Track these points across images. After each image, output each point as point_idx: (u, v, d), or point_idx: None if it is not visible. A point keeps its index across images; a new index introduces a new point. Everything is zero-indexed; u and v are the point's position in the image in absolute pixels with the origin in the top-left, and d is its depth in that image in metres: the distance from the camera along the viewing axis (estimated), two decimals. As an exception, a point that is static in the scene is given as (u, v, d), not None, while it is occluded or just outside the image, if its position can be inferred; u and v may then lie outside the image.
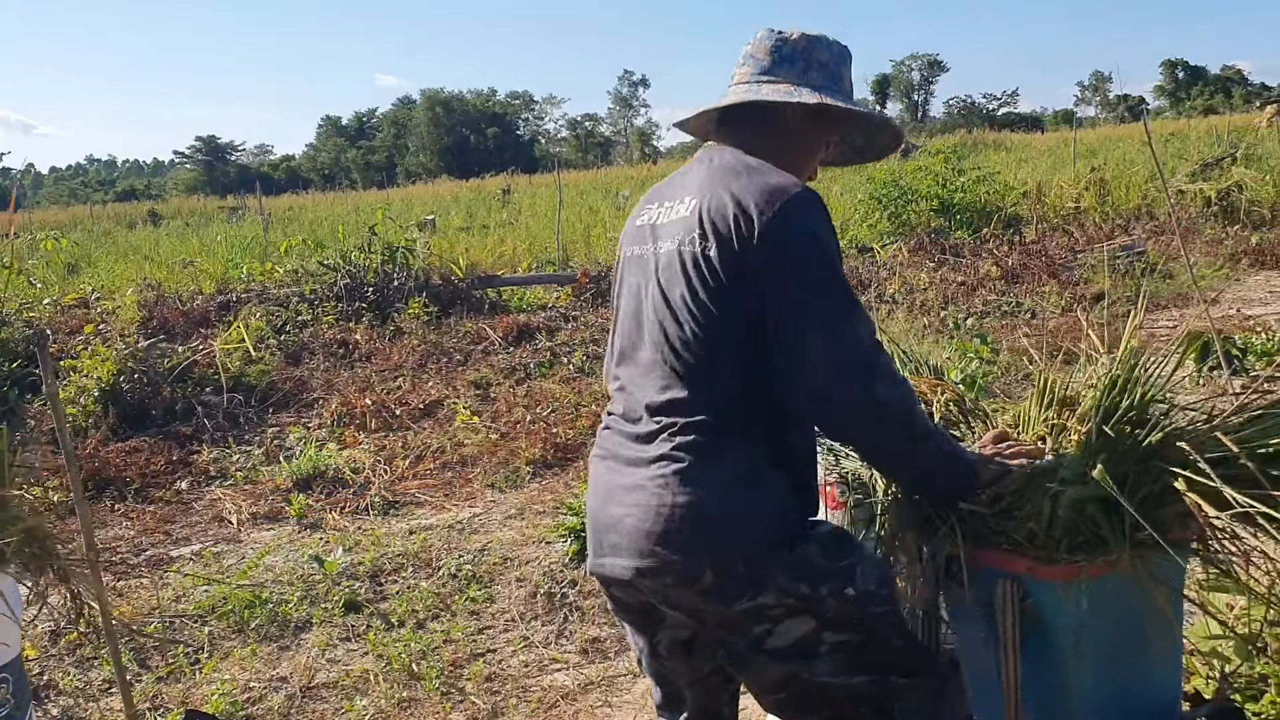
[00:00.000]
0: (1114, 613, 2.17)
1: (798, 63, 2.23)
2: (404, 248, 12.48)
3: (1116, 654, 2.25)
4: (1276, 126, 27.27)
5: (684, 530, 1.99)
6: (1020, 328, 9.34)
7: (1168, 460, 2.05)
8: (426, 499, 6.42)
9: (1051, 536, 2.16)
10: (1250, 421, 2.09)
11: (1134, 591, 2.13)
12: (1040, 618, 2.22)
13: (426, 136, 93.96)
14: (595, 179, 38.22)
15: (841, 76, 2.28)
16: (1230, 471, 2.00)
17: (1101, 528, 2.09)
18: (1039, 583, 2.18)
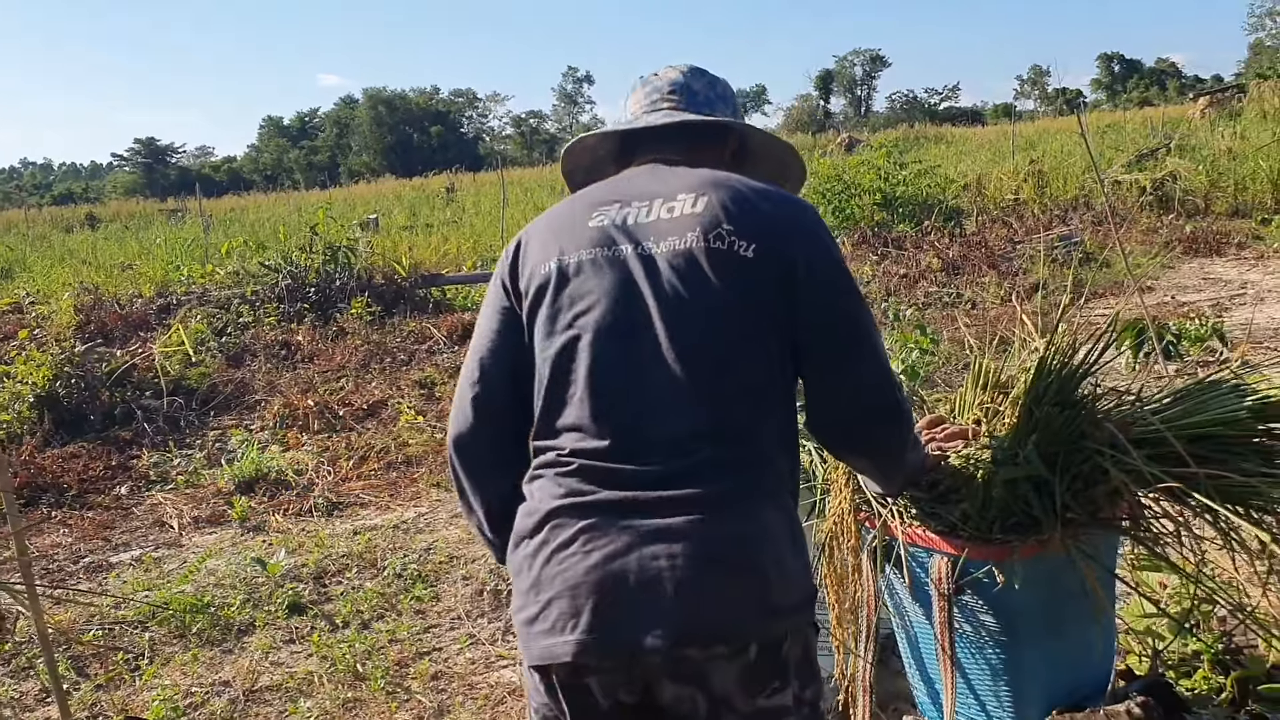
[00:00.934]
0: (1047, 591, 2.21)
1: (727, 100, 2.16)
2: (346, 247, 12.37)
3: (1050, 632, 2.29)
4: (1209, 118, 27.78)
5: (747, 585, 1.67)
6: (960, 318, 9.44)
7: (1096, 440, 2.09)
8: (371, 499, 6.37)
9: (985, 517, 2.20)
10: (1177, 401, 2.14)
11: (1067, 570, 2.17)
12: (974, 596, 2.25)
13: (369, 136, 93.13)
14: (540, 176, 38.09)
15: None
16: (1159, 451, 2.04)
17: (1033, 507, 2.13)
18: (973, 563, 2.21)
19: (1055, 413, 2.10)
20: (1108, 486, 2.06)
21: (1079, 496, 2.09)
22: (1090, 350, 2.23)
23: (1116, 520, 2.20)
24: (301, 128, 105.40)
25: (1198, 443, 2.04)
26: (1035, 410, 2.13)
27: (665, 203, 1.86)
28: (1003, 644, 2.29)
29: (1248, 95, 30.97)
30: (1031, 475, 2.10)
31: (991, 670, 2.33)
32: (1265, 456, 2.03)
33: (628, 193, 1.94)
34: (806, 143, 40.34)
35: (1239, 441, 2.04)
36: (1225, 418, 2.03)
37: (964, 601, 2.24)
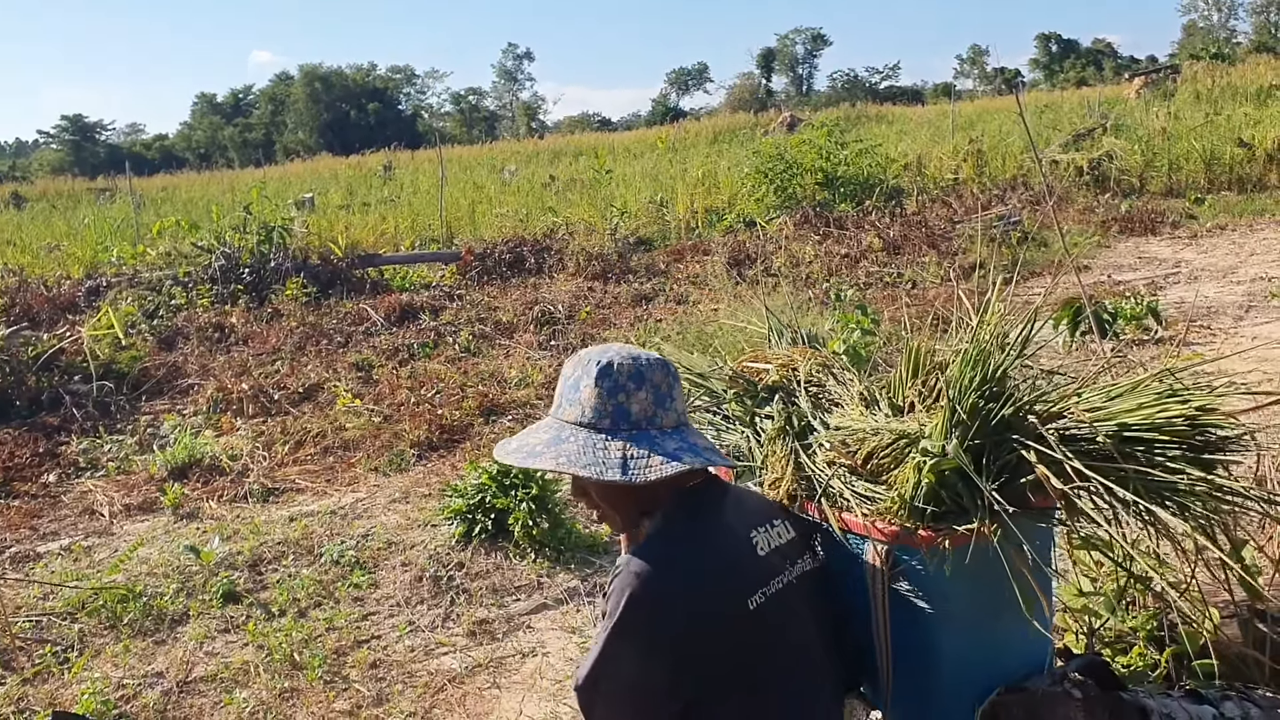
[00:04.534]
0: (979, 578, 2.20)
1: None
2: (280, 227, 12.19)
3: (984, 617, 2.29)
4: (1144, 98, 28.16)
5: None
6: (901, 298, 9.49)
7: (1021, 432, 2.08)
8: (307, 485, 6.28)
9: (917, 505, 2.18)
10: (1110, 399, 2.13)
11: (999, 557, 2.16)
12: (909, 583, 2.24)
13: (305, 113, 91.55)
14: (480, 154, 37.82)
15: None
16: (1089, 446, 2.04)
17: (962, 497, 2.12)
18: (906, 550, 2.20)
19: (980, 404, 2.09)
20: (1035, 479, 2.05)
21: (1007, 487, 2.08)
22: (1020, 336, 2.22)
23: (1048, 507, 2.20)
24: (235, 105, 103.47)
25: (1129, 442, 2.04)
26: (960, 402, 2.11)
27: (766, 531, 2.20)
28: (938, 629, 2.28)
29: (1181, 76, 31.46)
30: (958, 466, 2.09)
31: (929, 654, 2.32)
32: (1195, 459, 2.02)
33: (744, 521, 2.21)
34: (748, 121, 40.38)
35: (1170, 442, 2.03)
36: (1159, 421, 2.01)
37: (899, 588, 2.23)
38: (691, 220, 15.12)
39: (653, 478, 2.01)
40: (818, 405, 2.58)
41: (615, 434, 2.07)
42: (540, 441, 2.13)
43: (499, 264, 12.32)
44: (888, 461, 2.31)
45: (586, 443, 2.06)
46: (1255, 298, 8.80)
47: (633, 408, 2.08)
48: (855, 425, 2.41)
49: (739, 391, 2.71)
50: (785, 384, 2.66)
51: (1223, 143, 16.69)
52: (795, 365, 2.69)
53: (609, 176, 18.80)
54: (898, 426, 2.29)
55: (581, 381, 2.11)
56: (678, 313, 9.49)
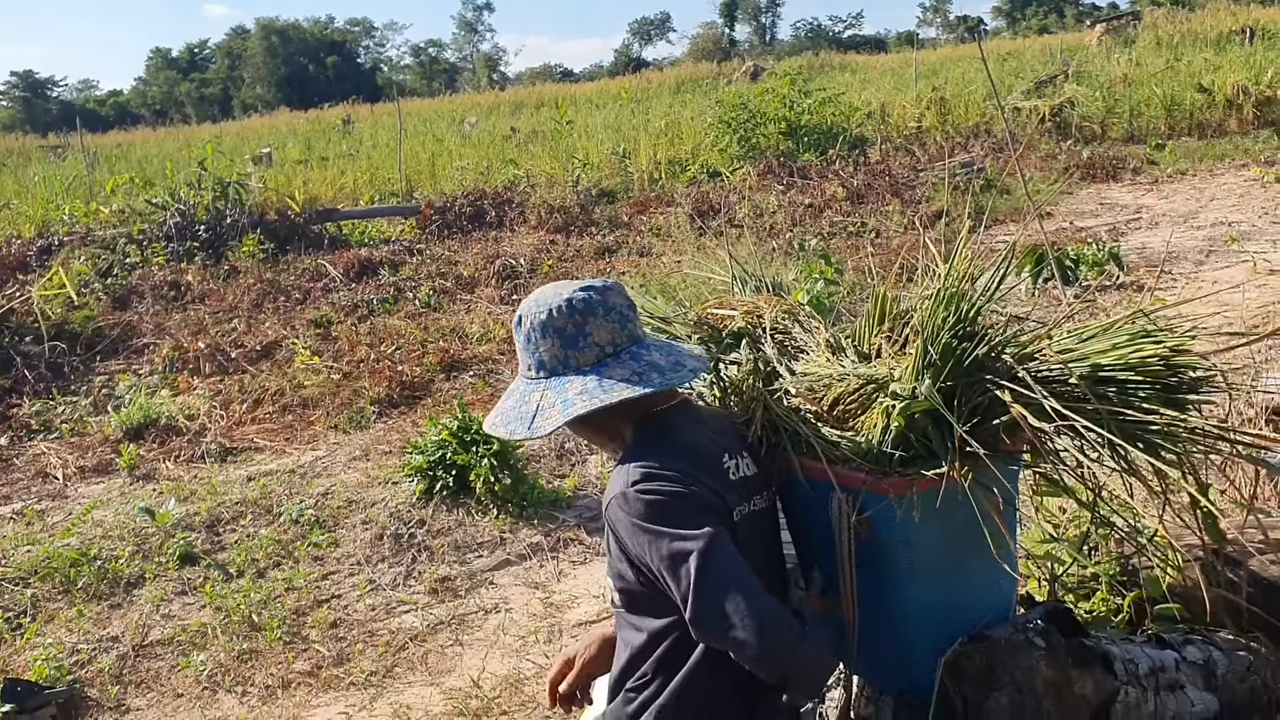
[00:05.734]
0: (947, 524, 2.15)
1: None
2: (236, 183, 11.94)
3: (950, 564, 2.25)
4: (1105, 45, 28.16)
5: None
6: (865, 247, 9.44)
7: (995, 373, 2.02)
8: (266, 444, 6.17)
9: (884, 450, 2.13)
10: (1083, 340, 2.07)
11: (966, 503, 2.11)
12: (875, 531, 2.19)
13: (263, 67, 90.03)
14: (440, 107, 37.32)
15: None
16: (1061, 389, 1.98)
17: (931, 441, 2.06)
18: (873, 496, 2.15)
19: (953, 345, 2.03)
20: (1007, 420, 2.00)
21: (978, 429, 2.03)
22: (991, 278, 2.16)
23: (1016, 451, 2.15)
24: (191, 60, 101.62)
25: (1102, 383, 1.98)
26: (932, 342, 2.05)
27: (740, 460, 2.20)
28: (905, 578, 2.24)
29: (1142, 23, 31.45)
30: (929, 409, 2.03)
31: (895, 603, 2.28)
32: (1167, 399, 1.97)
33: (724, 445, 2.19)
34: (711, 71, 40.07)
35: (1143, 383, 1.98)
36: (1133, 361, 1.96)
37: (864, 536, 2.18)
38: (655, 171, 14.97)
39: (549, 430, 1.99)
40: (783, 352, 2.51)
41: (537, 381, 2.08)
42: (498, 406, 2.15)
43: (459, 218, 12.14)
44: (854, 407, 2.25)
45: (520, 396, 2.09)
46: (1215, 243, 8.81)
47: (543, 354, 2.07)
48: (821, 372, 2.34)
49: (703, 337, 2.64)
50: (751, 330, 2.59)
51: (1183, 89, 16.70)
52: (761, 312, 2.62)
53: (570, 128, 18.56)
54: (865, 371, 2.23)
55: (514, 333, 2.12)
56: (641, 265, 9.39)
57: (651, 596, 2.03)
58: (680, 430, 2.16)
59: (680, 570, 1.91)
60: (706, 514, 1.98)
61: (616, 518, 1.99)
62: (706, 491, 2.02)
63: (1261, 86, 16.24)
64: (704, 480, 2.04)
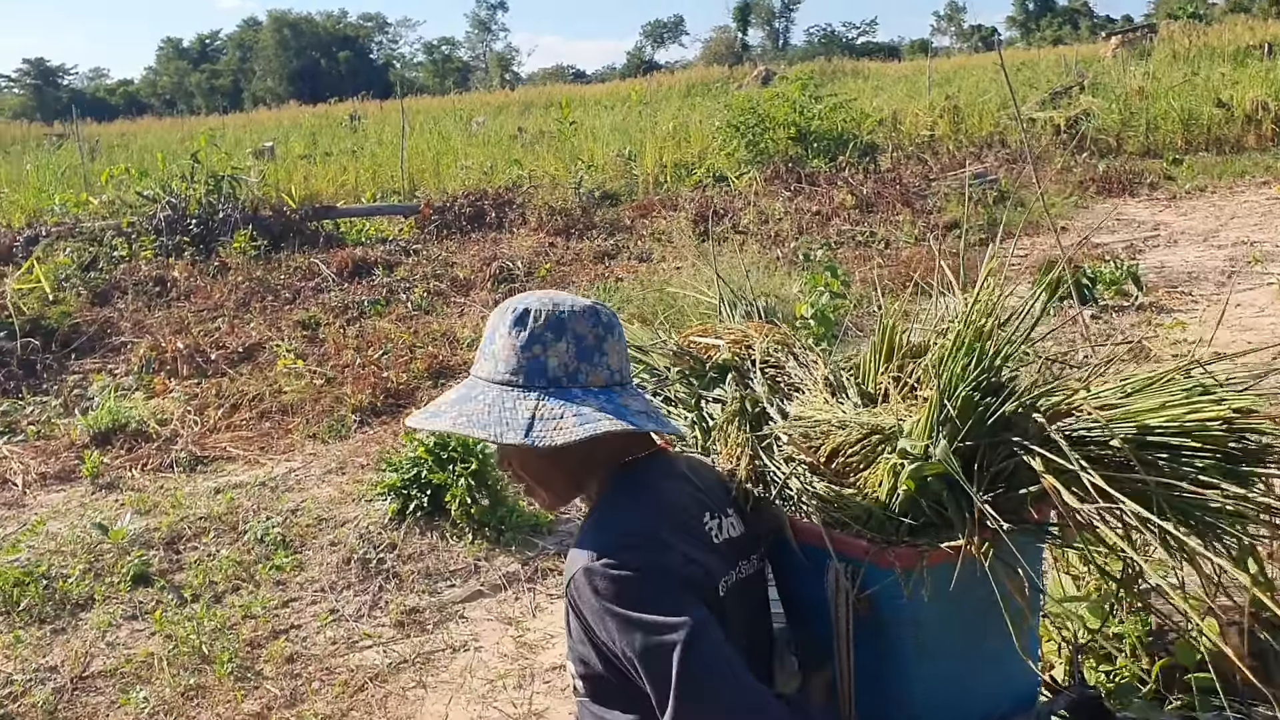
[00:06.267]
0: (961, 603, 1.84)
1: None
2: (230, 177, 11.65)
3: (963, 645, 1.95)
4: (1120, 57, 27.82)
5: None
6: (874, 258, 9.14)
7: (1024, 434, 1.71)
8: (239, 453, 5.87)
9: (891, 516, 1.83)
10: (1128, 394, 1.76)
11: (985, 579, 1.81)
12: (878, 608, 1.89)
13: (274, 60, 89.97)
14: (449, 105, 37.02)
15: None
16: (1100, 452, 1.67)
17: (947, 509, 1.76)
18: (876, 569, 1.84)
19: (975, 399, 1.71)
20: (1036, 490, 1.69)
21: (1002, 498, 1.72)
22: (1021, 312, 1.85)
23: (1043, 521, 1.84)
24: (202, 50, 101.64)
25: (1150, 447, 1.67)
26: (949, 395, 1.73)
27: (724, 520, 1.89)
28: (911, 659, 1.93)
29: (1158, 35, 31.09)
30: (944, 472, 1.72)
31: (898, 687, 1.97)
32: (1227, 471, 1.64)
33: (706, 502, 1.89)
34: (722, 74, 39.78)
35: (1200, 450, 1.65)
36: (1190, 425, 1.63)
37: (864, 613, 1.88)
38: (660, 175, 14.68)
39: (559, 441, 1.66)
40: (775, 390, 2.20)
41: (529, 390, 1.73)
42: (447, 400, 1.80)
43: (459, 218, 11.84)
44: (857, 460, 1.94)
45: (495, 401, 1.73)
46: (1237, 263, 8.49)
47: (550, 361, 1.74)
48: (819, 416, 2.04)
49: (684, 370, 2.33)
50: (738, 364, 2.29)
51: (1201, 103, 16.37)
52: (750, 342, 2.31)
53: (577, 129, 18.26)
54: (869, 420, 1.93)
55: (498, 331, 1.78)
56: (640, 271, 9.09)
57: (622, 687, 1.70)
58: (658, 484, 1.85)
59: (658, 668, 1.59)
60: (688, 593, 1.67)
61: (581, 598, 1.67)
62: (687, 564, 1.71)
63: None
64: (684, 547, 1.74)
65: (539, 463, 1.82)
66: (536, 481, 1.87)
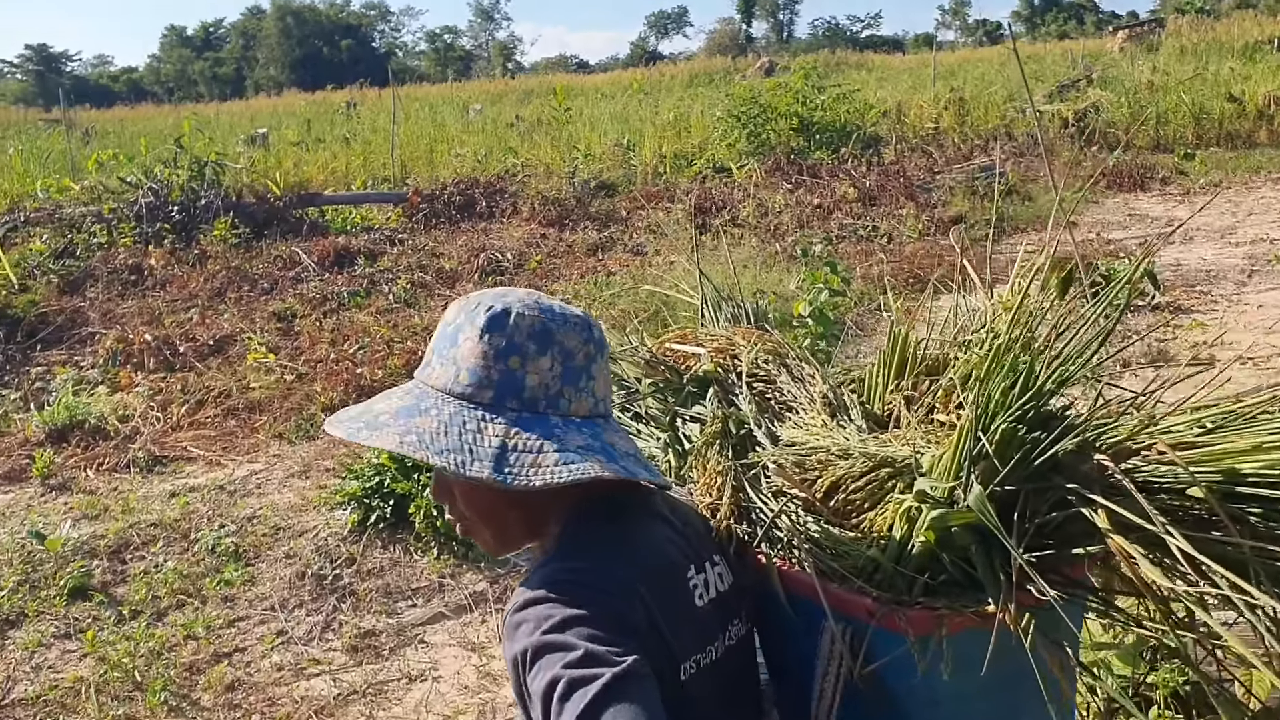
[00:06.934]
0: (987, 678, 1.48)
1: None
2: (214, 163, 11.28)
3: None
4: (1128, 51, 27.42)
5: None
6: (876, 253, 8.77)
7: (1080, 477, 1.35)
8: (200, 453, 5.52)
9: (903, 571, 1.47)
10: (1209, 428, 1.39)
11: (1018, 649, 1.45)
12: (885, 683, 1.53)
13: (277, 49, 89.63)
14: (447, 93, 36.63)
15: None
16: (1171, 502, 1.31)
17: (976, 567, 1.40)
18: (883, 634, 1.49)
19: (1018, 433, 1.35)
20: (1093, 547, 1.33)
21: (1049, 558, 1.37)
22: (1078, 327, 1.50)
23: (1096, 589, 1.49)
24: (206, 38, 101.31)
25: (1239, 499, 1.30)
26: (985, 426, 1.37)
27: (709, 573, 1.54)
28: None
29: (1166, 30, 30.70)
30: (974, 522, 1.37)
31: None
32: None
33: (693, 554, 1.53)
34: (725, 65, 39.36)
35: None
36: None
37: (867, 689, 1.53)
38: (659, 165, 14.31)
39: (538, 483, 1.31)
40: (764, 408, 1.85)
41: (498, 411, 1.36)
42: (388, 410, 1.40)
43: (448, 206, 11.46)
44: (860, 498, 1.59)
45: (454, 419, 1.35)
46: (1257, 261, 8.13)
47: (529, 378, 1.37)
48: (816, 442, 1.68)
49: (658, 382, 1.98)
50: (721, 376, 1.93)
51: (1212, 97, 16.02)
52: (736, 351, 1.95)
53: (573, 116, 17.88)
54: (877, 450, 1.57)
55: (463, 331, 1.39)
56: (634, 264, 8.72)
57: None
58: (632, 526, 1.47)
59: (548, 708, 1.19)
60: (635, 641, 1.28)
61: (515, 641, 1.28)
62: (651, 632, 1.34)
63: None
64: (655, 613, 1.36)
65: (492, 499, 1.44)
66: (484, 520, 1.48)
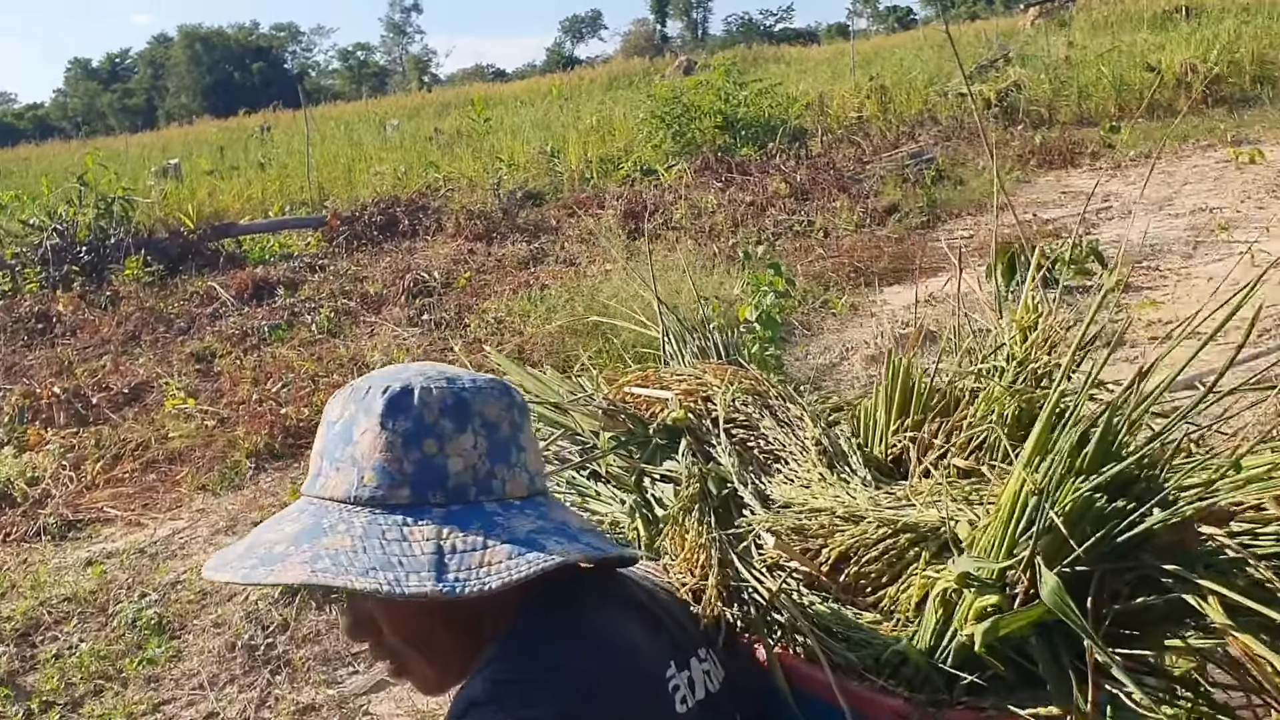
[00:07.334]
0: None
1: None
2: (122, 199, 10.79)
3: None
4: (1040, 28, 27.63)
5: None
6: (815, 248, 8.56)
7: (1173, 554, 1.08)
8: (119, 513, 5.13)
9: (939, 666, 1.20)
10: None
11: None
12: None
13: (187, 76, 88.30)
14: (363, 110, 36.00)
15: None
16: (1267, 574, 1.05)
17: (1038, 661, 1.13)
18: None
19: (1093, 504, 1.08)
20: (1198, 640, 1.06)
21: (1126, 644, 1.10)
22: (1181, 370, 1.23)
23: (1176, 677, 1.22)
24: (113, 70, 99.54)
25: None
26: (1052, 495, 1.10)
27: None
28: None
29: (1076, 4, 31.00)
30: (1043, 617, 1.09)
31: None
32: None
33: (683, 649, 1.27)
34: (643, 67, 39.15)
35: None
36: None
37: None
38: (586, 170, 14.01)
39: (495, 584, 1.04)
40: (748, 460, 1.56)
41: (422, 511, 1.10)
42: (282, 537, 1.12)
43: (369, 228, 11.04)
44: (876, 570, 1.31)
45: (370, 530, 1.09)
46: (1200, 232, 8.01)
47: (451, 463, 1.11)
48: (817, 502, 1.40)
49: (620, 435, 1.69)
50: (694, 424, 1.64)
51: (1129, 68, 16.10)
52: (708, 393, 1.67)
53: (494, 126, 17.54)
54: (895, 516, 1.29)
55: (358, 424, 1.14)
56: (568, 276, 8.41)
57: None
58: (594, 614, 1.18)
59: None
60: None
61: None
62: None
63: (1209, 64, 15.67)
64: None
65: (429, 622, 1.16)
66: (421, 649, 1.19)
